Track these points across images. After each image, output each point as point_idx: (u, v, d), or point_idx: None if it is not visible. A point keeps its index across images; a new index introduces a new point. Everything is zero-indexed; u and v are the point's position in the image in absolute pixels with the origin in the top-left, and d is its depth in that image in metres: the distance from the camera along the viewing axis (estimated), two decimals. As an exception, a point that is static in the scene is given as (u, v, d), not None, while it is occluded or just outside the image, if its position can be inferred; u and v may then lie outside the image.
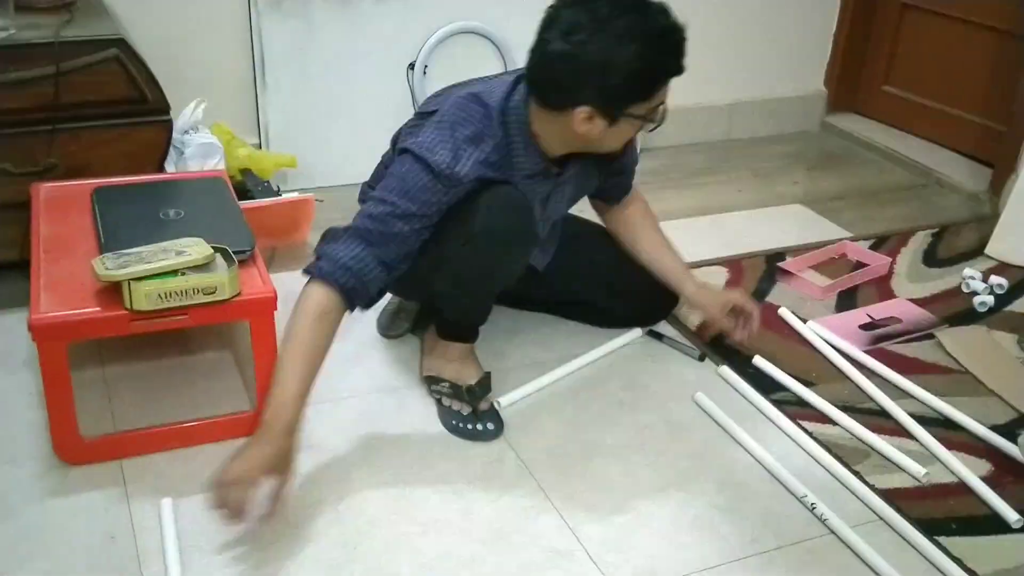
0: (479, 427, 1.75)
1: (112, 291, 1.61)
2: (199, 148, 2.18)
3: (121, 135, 2.11)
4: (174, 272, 1.59)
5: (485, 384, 1.82)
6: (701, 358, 2.01)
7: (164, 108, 2.12)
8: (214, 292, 1.62)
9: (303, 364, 1.53)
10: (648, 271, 2.01)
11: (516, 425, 1.78)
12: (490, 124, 1.66)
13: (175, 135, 2.19)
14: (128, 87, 2.07)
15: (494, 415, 1.78)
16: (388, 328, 2.06)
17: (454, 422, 1.77)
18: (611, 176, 1.95)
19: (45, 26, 2.05)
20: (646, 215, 2.05)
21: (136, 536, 1.50)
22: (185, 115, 2.23)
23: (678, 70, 1.61)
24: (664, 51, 1.58)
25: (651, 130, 1.70)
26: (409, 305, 2.07)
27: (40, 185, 1.96)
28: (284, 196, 2.32)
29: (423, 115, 1.75)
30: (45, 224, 1.82)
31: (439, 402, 1.83)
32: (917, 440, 1.79)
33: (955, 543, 1.54)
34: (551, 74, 1.60)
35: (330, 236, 1.65)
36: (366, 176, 1.92)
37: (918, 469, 1.70)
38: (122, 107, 2.09)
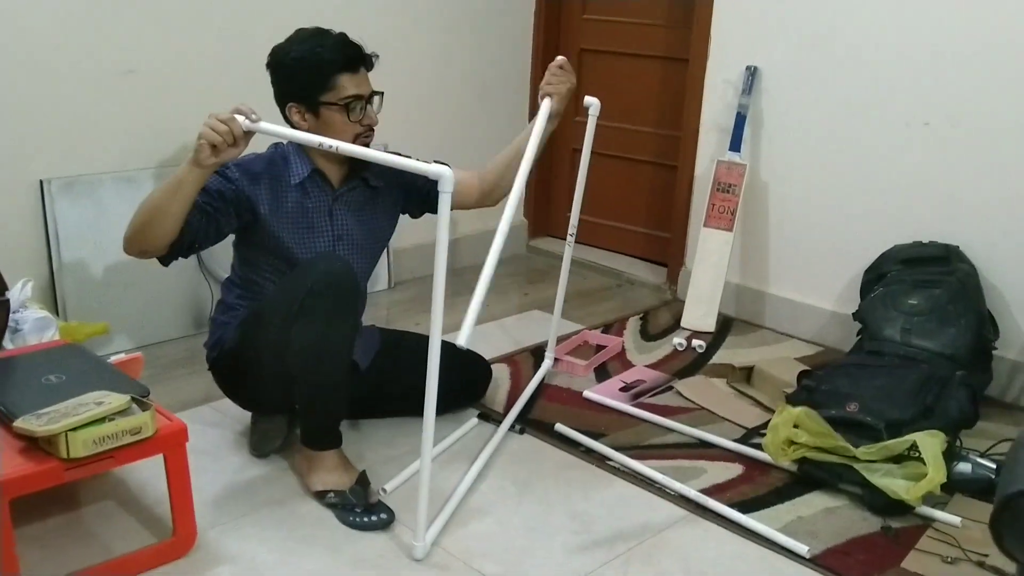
0: (374, 518, 2.06)
1: (32, 448, 1.77)
2: (36, 323, 2.30)
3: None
4: (102, 419, 1.79)
5: (364, 481, 2.14)
6: (521, 432, 2.48)
7: (1, 288, 2.24)
8: (139, 432, 1.83)
9: None
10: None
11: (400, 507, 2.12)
12: (272, 151, 2.23)
13: (5, 314, 2.30)
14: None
15: (383, 506, 2.09)
16: (260, 447, 2.31)
17: (351, 519, 2.06)
18: (418, 193, 2.41)
19: None
20: (481, 171, 2.46)
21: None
22: (14, 294, 2.34)
23: (338, 61, 2.11)
24: (320, 44, 2.11)
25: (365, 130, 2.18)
26: (272, 425, 2.33)
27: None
28: (112, 358, 2.47)
29: None
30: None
31: (333, 508, 2.10)
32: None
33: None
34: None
35: None
36: (167, 335, 2.71)
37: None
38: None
